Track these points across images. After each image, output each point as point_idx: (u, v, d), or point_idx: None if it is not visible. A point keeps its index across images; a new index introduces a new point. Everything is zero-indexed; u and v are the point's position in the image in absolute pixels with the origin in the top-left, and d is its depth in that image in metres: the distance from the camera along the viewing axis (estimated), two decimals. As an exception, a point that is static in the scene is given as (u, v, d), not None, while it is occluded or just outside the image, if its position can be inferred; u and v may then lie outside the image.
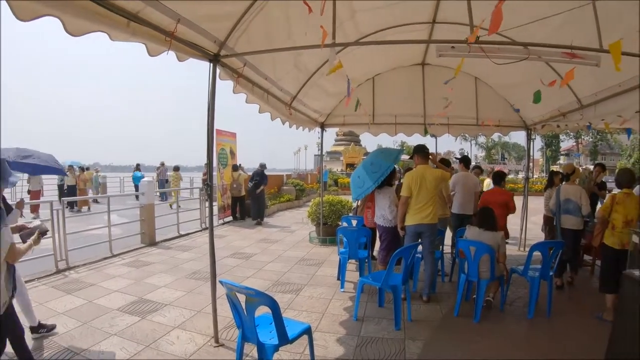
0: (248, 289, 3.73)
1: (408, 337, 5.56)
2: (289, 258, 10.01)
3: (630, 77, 6.04)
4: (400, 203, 6.74)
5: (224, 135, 16.42)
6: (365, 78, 10.59)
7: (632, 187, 6.38)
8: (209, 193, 5.29)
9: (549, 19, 5.22)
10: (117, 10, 3.50)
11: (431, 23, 7.62)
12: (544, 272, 6.45)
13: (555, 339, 5.71)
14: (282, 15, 5.48)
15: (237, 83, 5.57)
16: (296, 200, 22.89)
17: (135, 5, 3.63)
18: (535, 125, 10.63)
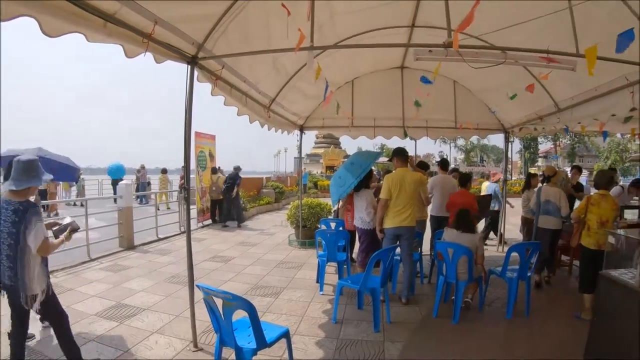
0: (225, 293, 3.72)
1: (387, 339, 5.57)
2: (268, 261, 9.97)
3: (606, 81, 6.17)
4: (380, 205, 6.72)
5: (203, 137, 16.30)
6: (344, 81, 10.61)
7: (609, 188, 6.49)
8: (186, 196, 5.24)
9: (527, 24, 5.28)
10: (94, 11, 3.45)
11: (410, 27, 7.66)
12: (522, 272, 6.52)
13: (533, 339, 5.77)
14: (261, 17, 5.45)
15: (215, 85, 5.52)
16: (276, 203, 22.86)
17: (111, 5, 3.58)
18: (513, 128, 10.77)
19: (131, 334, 5.55)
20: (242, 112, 6.71)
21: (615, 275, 4.58)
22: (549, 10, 4.91)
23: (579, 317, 6.32)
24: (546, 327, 6.15)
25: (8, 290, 4.01)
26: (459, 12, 4.12)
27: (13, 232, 3.87)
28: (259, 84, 7.09)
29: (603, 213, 6.16)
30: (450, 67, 7.40)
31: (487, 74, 6.64)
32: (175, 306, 6.63)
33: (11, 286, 3.97)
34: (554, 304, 7.20)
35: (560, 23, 4.81)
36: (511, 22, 5.17)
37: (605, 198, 6.26)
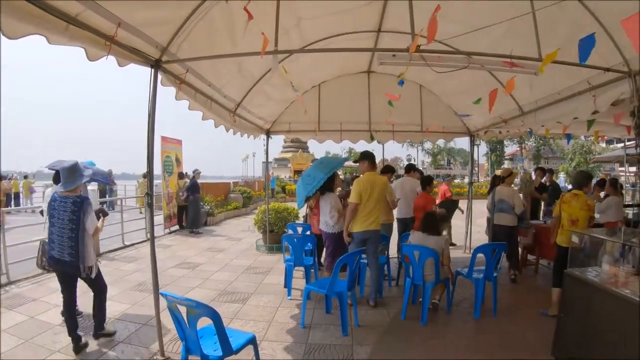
0: (189, 300, 3.67)
1: (356, 342, 5.58)
2: (236, 267, 9.89)
3: (568, 85, 6.29)
4: (350, 210, 6.70)
5: (169, 142, 16.08)
6: (311, 85, 10.60)
7: (582, 188, 6.59)
8: (150, 202, 5.15)
9: (493, 30, 5.35)
10: (56, 13, 3.36)
11: (377, 32, 7.73)
12: (488, 273, 6.64)
13: (502, 337, 5.87)
14: (226, 21, 5.39)
15: (179, 89, 5.45)
16: (243, 208, 22.70)
17: (74, 7, 3.49)
18: (479, 131, 10.99)
19: (97, 344, 5.42)
20: (207, 116, 6.63)
21: (579, 274, 4.70)
22: (513, 16, 4.96)
23: (546, 315, 6.46)
24: (514, 326, 6.26)
25: (65, 264, 5.11)
26: (424, 18, 4.14)
27: (74, 219, 5.05)
28: (224, 88, 7.03)
29: (573, 212, 6.33)
30: (416, 72, 7.46)
31: (453, 79, 6.73)
32: (141, 315, 6.49)
33: (71, 261, 5.07)
34: (521, 303, 7.34)
35: (525, 28, 4.89)
36: (476, 27, 5.20)
37: (577, 197, 6.40)
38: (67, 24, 3.51)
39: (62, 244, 5.06)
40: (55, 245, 5.11)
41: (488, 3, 5.64)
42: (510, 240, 8.23)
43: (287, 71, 5.30)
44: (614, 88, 5.47)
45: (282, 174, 57.71)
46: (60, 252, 5.07)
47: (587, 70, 5.19)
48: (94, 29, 3.81)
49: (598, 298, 4.28)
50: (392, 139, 11.33)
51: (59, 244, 5.08)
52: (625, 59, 5.22)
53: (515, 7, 4.98)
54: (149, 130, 4.90)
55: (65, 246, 5.05)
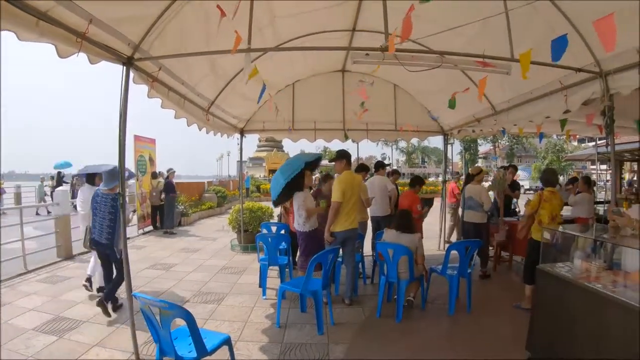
0: (161, 301, 3.63)
1: (331, 341, 5.59)
2: (211, 267, 9.83)
3: (540, 85, 6.39)
4: (333, 209, 6.67)
5: (142, 141, 15.88)
6: (285, 84, 10.59)
7: (555, 185, 6.81)
8: (121, 203, 5.06)
9: (467, 30, 5.41)
10: (26, 8, 3.28)
11: (351, 31, 7.75)
12: (462, 270, 6.73)
13: (476, 333, 5.95)
14: (199, 19, 5.33)
15: (151, 87, 5.36)
16: (218, 208, 22.57)
17: (45, 3, 3.40)
18: (452, 130, 11.12)
19: (71, 348, 5.32)
20: (180, 115, 6.53)
21: (551, 269, 4.80)
22: (487, 16, 5.00)
23: (519, 307, 6.64)
24: (488, 321, 6.35)
25: (103, 247, 6.57)
26: (398, 17, 4.13)
27: (112, 211, 6.45)
28: (197, 87, 6.95)
29: (553, 209, 6.49)
30: (390, 71, 7.49)
31: (427, 78, 6.75)
32: (116, 317, 6.41)
33: (107, 244, 6.49)
34: (495, 298, 7.47)
35: (499, 28, 4.93)
36: (451, 27, 5.23)
37: (555, 195, 6.59)
38: (37, 19, 3.42)
39: (101, 230, 6.53)
40: (96, 230, 6.63)
41: (462, 3, 5.70)
42: (480, 237, 8.29)
43: (258, 71, 5.23)
44: (585, 88, 5.61)
45: (257, 173, 57.49)
46: (99, 236, 6.55)
47: (559, 70, 5.27)
48: (65, 25, 3.71)
49: (570, 293, 4.37)
50: (366, 138, 11.40)
51: (99, 230, 6.56)
52: (596, 59, 5.34)
53: (489, 7, 5.01)
54: (120, 130, 4.78)
55: (103, 232, 6.51)
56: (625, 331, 3.62)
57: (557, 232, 5.42)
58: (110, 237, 6.48)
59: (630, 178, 26.20)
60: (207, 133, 8.54)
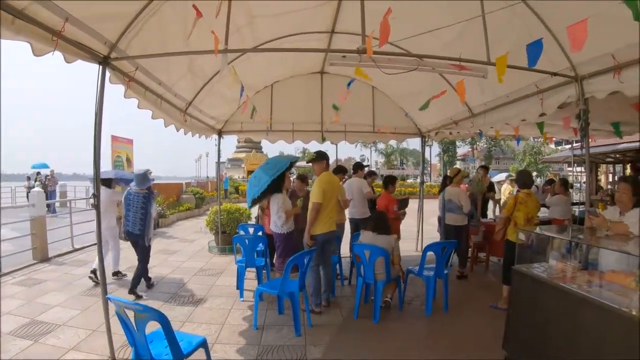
0: (136, 304, 3.58)
1: (309, 342, 5.60)
2: (188, 269, 9.77)
3: (516, 88, 6.51)
4: (314, 210, 6.54)
5: (120, 142, 15.75)
6: (263, 85, 10.57)
7: (531, 187, 6.92)
8: (96, 204, 4.97)
9: (445, 33, 5.47)
10: (2, 6, 3.21)
11: (330, 33, 7.75)
12: (439, 270, 6.78)
13: (453, 333, 6.02)
14: (178, 18, 5.27)
15: (128, 87, 5.28)
16: (196, 209, 22.40)
17: (21, 2, 3.35)
18: (430, 132, 11.23)
19: (47, 352, 5.23)
20: (157, 115, 6.47)
21: (526, 270, 4.86)
22: (463, 18, 5.04)
23: (495, 307, 6.76)
24: (465, 321, 6.44)
25: (135, 236, 7.83)
26: (376, 19, 4.13)
27: (144, 206, 7.81)
28: (174, 87, 6.90)
29: (529, 210, 6.61)
30: (368, 73, 7.49)
31: (405, 80, 6.77)
32: (92, 320, 6.28)
33: (139, 234, 7.78)
34: (472, 298, 7.55)
35: (477, 32, 4.96)
36: (428, 30, 5.25)
37: (530, 196, 6.70)
38: (13, 17, 3.36)
39: (134, 222, 7.81)
40: (129, 222, 7.87)
41: (440, 6, 5.75)
42: (460, 238, 8.41)
43: (236, 73, 5.22)
44: (561, 92, 5.72)
45: (236, 175, 57.39)
46: (132, 227, 7.82)
47: (535, 74, 5.34)
48: (41, 23, 3.65)
49: (544, 293, 4.45)
50: (344, 140, 11.45)
51: (132, 222, 7.83)
52: (572, 64, 5.44)
53: (466, 11, 5.04)
54: (96, 130, 4.74)
55: (137, 224, 7.79)
56: (599, 331, 3.69)
57: (532, 233, 5.50)
58: (142, 227, 7.81)
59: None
60: (185, 134, 8.47)
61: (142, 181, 7.93)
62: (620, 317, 3.51)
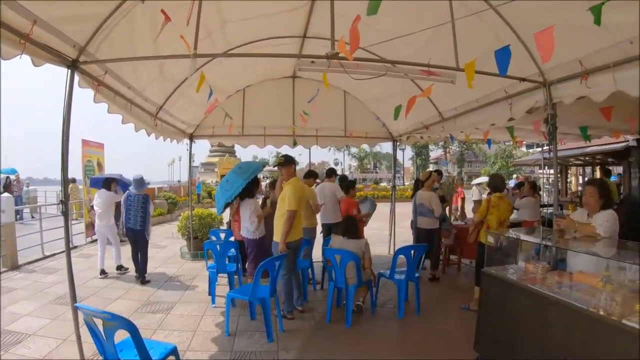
0: (104, 312, 3.52)
1: (281, 348, 5.59)
2: (160, 275, 9.68)
3: (486, 93, 6.65)
4: (290, 218, 6.46)
5: (91, 146, 15.39)
6: (235, 89, 10.54)
7: (503, 191, 7.07)
8: (64, 211, 4.88)
9: (416, 39, 5.53)
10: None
11: (302, 37, 7.77)
12: (410, 274, 6.83)
13: (426, 334, 6.11)
14: (149, 21, 5.18)
15: (97, 92, 5.17)
16: (168, 214, 22.12)
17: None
18: (401, 136, 11.37)
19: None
20: (127, 120, 6.37)
21: (495, 272, 4.96)
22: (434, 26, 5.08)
23: (467, 309, 6.84)
24: (437, 323, 6.52)
25: (137, 232, 9.03)
26: (347, 24, 4.14)
27: (144, 207, 9.06)
28: (144, 91, 6.80)
29: (501, 214, 6.74)
30: (340, 77, 7.52)
31: (377, 85, 6.83)
32: (62, 330, 6.12)
33: (140, 229, 9.02)
34: (444, 300, 7.66)
35: (447, 38, 5.00)
36: (398, 35, 5.28)
37: (502, 200, 6.85)
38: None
39: (136, 220, 9.00)
40: (130, 221, 9.02)
41: (412, 12, 5.80)
42: (432, 241, 8.50)
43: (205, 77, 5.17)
44: (529, 97, 5.83)
45: (209, 179, 57.03)
46: (134, 224, 9.01)
47: (504, 79, 5.39)
48: (8, 25, 3.56)
49: (512, 294, 4.55)
50: (316, 144, 11.50)
51: (133, 220, 9.00)
52: (540, 69, 5.54)
53: (437, 17, 5.07)
54: (64, 135, 4.66)
55: (138, 222, 9.00)
56: (567, 331, 3.78)
57: (502, 236, 5.61)
58: (142, 224, 9.05)
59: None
60: (157, 139, 8.39)
61: (140, 185, 9.23)
62: (587, 317, 3.59)
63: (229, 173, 7.47)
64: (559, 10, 4.41)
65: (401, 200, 17.53)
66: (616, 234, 4.53)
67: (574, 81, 5.07)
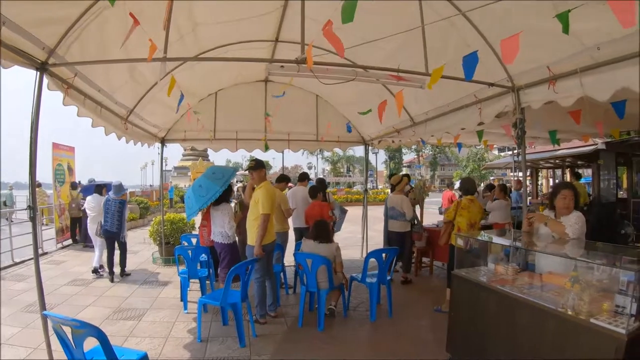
0: (73, 320, 3.46)
1: (254, 353, 5.59)
2: (132, 281, 9.55)
3: (456, 98, 6.77)
4: (265, 221, 6.45)
5: (61, 149, 15.13)
6: (207, 93, 10.47)
7: (474, 193, 7.13)
8: (32, 217, 4.78)
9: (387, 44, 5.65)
10: None
11: (274, 41, 7.75)
12: (381, 276, 6.91)
13: (398, 336, 6.17)
14: (120, 23, 5.08)
15: (66, 94, 5.09)
16: (140, 219, 21.85)
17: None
18: (373, 140, 11.44)
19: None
20: (97, 123, 6.26)
21: (465, 274, 5.06)
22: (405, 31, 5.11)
23: (439, 311, 6.93)
24: (409, 325, 6.61)
25: (113, 234, 9.74)
26: (318, 28, 4.12)
27: (119, 210, 9.78)
28: (115, 94, 6.71)
29: (472, 216, 6.81)
30: (313, 82, 7.53)
31: (348, 89, 6.83)
32: (33, 338, 5.97)
33: (117, 232, 9.72)
34: (416, 303, 7.73)
35: (418, 44, 5.03)
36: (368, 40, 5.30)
37: (474, 202, 6.93)
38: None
39: (112, 222, 9.70)
40: (108, 222, 9.70)
41: (385, 18, 5.88)
42: (403, 244, 8.62)
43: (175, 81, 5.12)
44: (499, 101, 5.94)
45: (182, 183, 56.69)
46: (111, 226, 9.69)
47: (474, 84, 5.44)
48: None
49: (481, 295, 4.65)
50: (288, 148, 11.47)
51: (110, 223, 9.69)
52: (509, 74, 5.64)
53: (408, 23, 5.11)
54: (32, 138, 4.57)
55: (114, 224, 9.70)
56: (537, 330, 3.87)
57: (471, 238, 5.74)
58: (119, 226, 9.76)
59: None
60: (127, 143, 8.27)
61: (119, 190, 10.00)
62: (556, 317, 3.68)
63: (201, 177, 7.38)
64: (527, 17, 4.50)
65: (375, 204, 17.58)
66: (584, 235, 4.60)
67: (542, 86, 5.18)
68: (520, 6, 4.51)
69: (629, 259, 3.70)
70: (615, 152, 13.58)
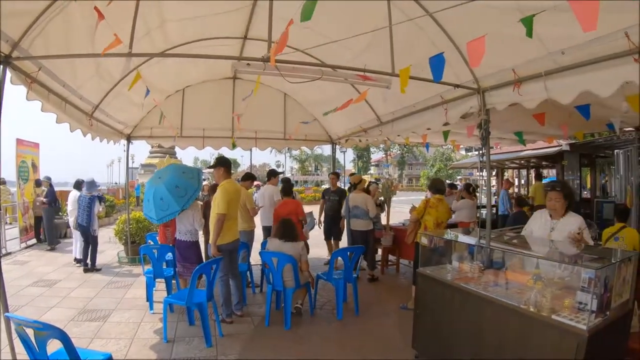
0: (35, 322, 3.36)
1: (220, 353, 5.57)
2: (97, 282, 9.34)
3: (423, 98, 6.92)
4: (219, 221, 6.40)
5: (25, 145, 14.69)
6: (175, 89, 10.41)
7: (443, 193, 7.23)
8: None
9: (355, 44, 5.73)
10: None
11: (243, 39, 7.76)
12: (347, 275, 6.94)
13: (365, 334, 6.23)
14: (85, 17, 4.99)
15: (30, 89, 4.99)
16: (106, 218, 21.41)
17: None
18: (340, 139, 11.57)
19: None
20: (62, 119, 6.14)
21: (430, 272, 5.18)
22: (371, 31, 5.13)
23: (405, 308, 7.03)
24: (376, 322, 6.68)
25: (84, 227, 10.39)
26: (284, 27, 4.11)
27: (90, 205, 10.45)
28: (80, 89, 6.59)
29: (439, 215, 6.90)
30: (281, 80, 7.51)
31: (316, 88, 6.87)
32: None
33: (86, 226, 10.36)
34: (383, 300, 7.82)
35: (385, 44, 5.08)
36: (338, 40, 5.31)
37: (441, 202, 7.00)
38: None
39: (83, 217, 10.42)
40: (79, 217, 10.48)
41: (353, 18, 5.96)
42: (367, 242, 8.68)
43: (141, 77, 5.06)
44: (464, 103, 6.09)
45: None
46: (82, 220, 10.41)
47: (440, 85, 5.48)
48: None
49: (445, 293, 4.75)
50: (255, 146, 11.51)
51: (81, 217, 10.43)
52: (475, 77, 5.76)
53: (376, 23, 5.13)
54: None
55: (84, 218, 10.40)
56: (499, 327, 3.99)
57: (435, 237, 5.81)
58: (88, 221, 10.42)
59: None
60: (93, 139, 8.11)
61: (91, 186, 10.80)
62: (518, 314, 3.77)
63: (172, 177, 7.16)
64: (494, 20, 4.59)
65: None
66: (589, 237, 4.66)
67: (507, 88, 5.31)
68: (487, 9, 4.58)
69: (591, 257, 3.86)
70: (579, 153, 13.94)
